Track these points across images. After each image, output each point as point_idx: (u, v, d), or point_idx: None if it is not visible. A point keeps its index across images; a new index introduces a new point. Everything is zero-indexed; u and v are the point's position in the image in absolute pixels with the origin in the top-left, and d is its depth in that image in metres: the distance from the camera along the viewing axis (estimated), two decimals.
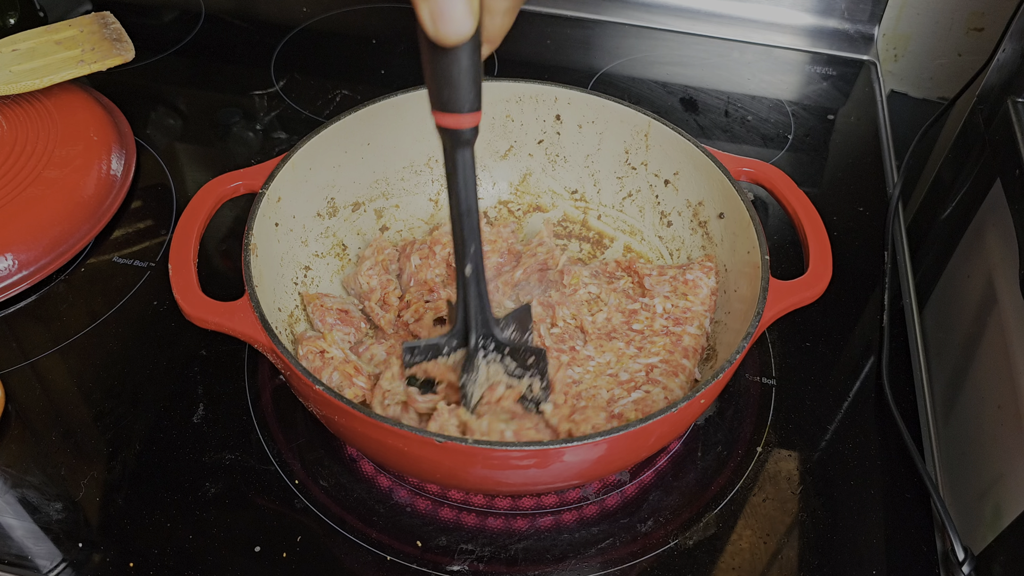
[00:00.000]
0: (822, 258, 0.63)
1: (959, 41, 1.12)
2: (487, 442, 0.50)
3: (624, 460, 0.58)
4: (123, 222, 0.81)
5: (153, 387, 0.67)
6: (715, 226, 0.71)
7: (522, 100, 0.76)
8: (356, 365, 0.62)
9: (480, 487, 0.58)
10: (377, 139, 0.73)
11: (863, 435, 0.67)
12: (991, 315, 0.76)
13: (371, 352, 0.65)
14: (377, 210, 0.75)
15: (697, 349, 0.66)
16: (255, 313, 0.56)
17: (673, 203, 0.75)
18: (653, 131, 0.73)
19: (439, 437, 0.49)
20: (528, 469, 0.52)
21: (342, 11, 1.11)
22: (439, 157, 0.76)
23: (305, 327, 0.67)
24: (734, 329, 0.64)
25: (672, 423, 0.53)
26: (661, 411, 0.52)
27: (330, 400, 0.51)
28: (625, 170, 0.77)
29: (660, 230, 0.76)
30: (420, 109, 0.74)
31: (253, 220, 0.61)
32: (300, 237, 0.69)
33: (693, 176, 0.72)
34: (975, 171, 0.85)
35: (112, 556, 0.57)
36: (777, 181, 0.69)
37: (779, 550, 0.60)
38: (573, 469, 0.53)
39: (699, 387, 0.54)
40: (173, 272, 0.58)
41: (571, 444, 0.50)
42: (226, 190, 0.65)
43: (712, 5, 1.12)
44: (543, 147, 0.79)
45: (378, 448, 0.54)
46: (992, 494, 0.67)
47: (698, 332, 0.67)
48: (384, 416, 0.51)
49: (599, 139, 0.76)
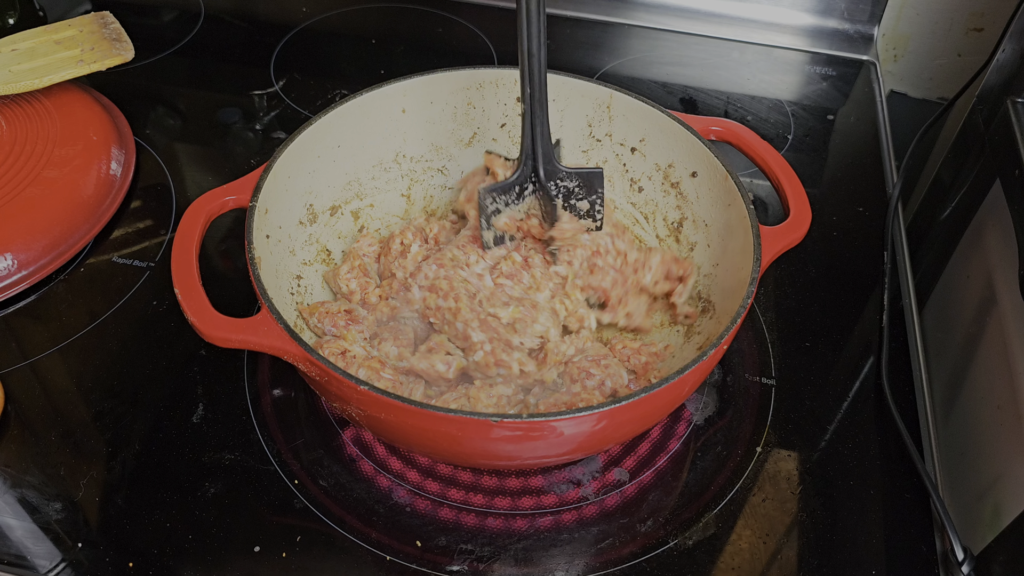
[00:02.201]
0: (800, 202, 0.67)
1: (959, 41, 1.12)
2: (542, 415, 0.52)
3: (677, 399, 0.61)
4: (123, 222, 0.81)
5: (153, 387, 0.67)
6: (688, 185, 0.73)
7: (483, 86, 0.77)
8: (379, 359, 0.63)
9: (536, 460, 0.59)
10: (346, 140, 0.73)
11: (863, 435, 0.67)
12: (991, 315, 0.76)
13: (385, 347, 0.66)
14: (353, 212, 0.75)
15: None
16: (279, 325, 0.55)
17: (642, 169, 0.76)
18: (615, 102, 0.75)
19: (494, 417, 0.50)
20: (598, 425, 0.53)
21: (342, 11, 1.11)
22: (406, 152, 0.77)
23: (310, 335, 0.67)
24: (726, 281, 0.66)
25: (706, 369, 0.57)
26: (696, 359, 0.55)
27: (378, 398, 0.51)
28: (590, 143, 0.78)
29: (631, 196, 0.78)
30: (385, 107, 0.74)
31: (251, 233, 0.60)
32: (287, 247, 0.68)
33: (660, 140, 0.74)
34: (975, 171, 0.85)
35: (112, 556, 0.57)
36: (745, 136, 0.72)
37: (779, 550, 0.60)
38: (641, 419, 0.58)
39: (732, 321, 0.57)
40: (183, 297, 0.56)
41: (649, 393, 0.52)
42: (215, 206, 0.63)
43: (712, 5, 1.12)
44: (506, 131, 0.79)
45: (430, 438, 0.54)
46: (992, 494, 0.68)
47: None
48: (444, 407, 0.52)
49: (560, 116, 0.77)
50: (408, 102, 0.75)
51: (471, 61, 1.01)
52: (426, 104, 0.76)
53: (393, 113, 0.75)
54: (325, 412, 0.66)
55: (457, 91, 0.76)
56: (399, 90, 0.74)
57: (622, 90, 0.74)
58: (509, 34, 1.06)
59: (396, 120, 0.75)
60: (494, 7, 1.11)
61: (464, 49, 1.05)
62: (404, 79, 0.73)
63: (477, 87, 0.76)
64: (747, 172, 0.89)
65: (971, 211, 0.85)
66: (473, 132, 0.79)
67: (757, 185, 0.88)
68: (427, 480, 0.62)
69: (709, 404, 0.69)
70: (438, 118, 0.77)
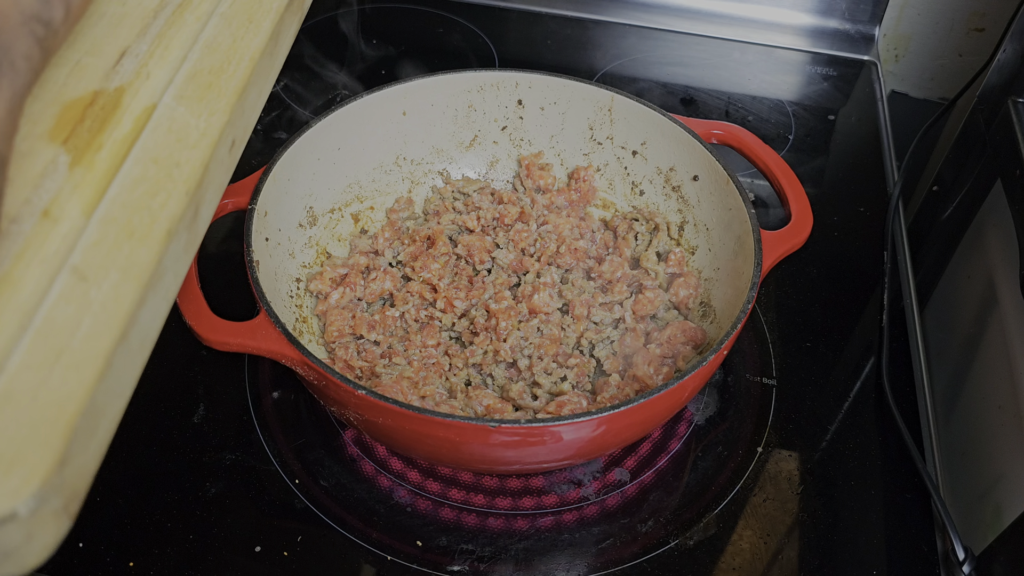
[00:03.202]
0: (801, 206, 0.67)
1: (960, 41, 1.12)
2: (540, 420, 0.52)
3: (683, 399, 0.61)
4: None
5: (153, 387, 0.67)
6: (690, 189, 0.73)
7: (483, 89, 0.77)
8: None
9: (536, 465, 0.59)
10: (346, 143, 0.73)
11: (863, 435, 0.67)
12: (992, 315, 0.76)
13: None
14: (353, 214, 0.75)
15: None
16: (277, 328, 0.55)
17: (643, 172, 0.76)
18: (617, 105, 0.75)
19: (492, 422, 0.50)
20: (597, 430, 0.53)
21: (342, 11, 1.11)
22: (407, 155, 0.77)
23: (310, 338, 0.67)
24: (726, 284, 0.66)
25: (706, 373, 0.58)
26: (696, 364, 0.55)
27: (376, 403, 0.51)
28: (591, 146, 0.78)
29: (633, 200, 0.78)
30: (385, 109, 0.74)
31: (250, 236, 0.60)
32: (287, 250, 0.68)
33: (661, 144, 0.74)
34: (976, 171, 0.85)
35: (112, 556, 0.57)
36: (747, 140, 0.72)
37: (779, 550, 0.60)
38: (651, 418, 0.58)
39: (730, 329, 0.56)
40: (181, 300, 0.56)
41: (649, 398, 0.52)
42: None
43: (712, 5, 1.12)
44: (507, 133, 0.79)
45: (428, 443, 0.54)
46: (993, 494, 0.68)
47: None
48: (442, 412, 0.52)
49: (562, 119, 0.77)
50: (409, 104, 0.75)
51: (472, 62, 1.01)
52: (427, 106, 0.76)
53: (394, 115, 0.75)
54: (326, 412, 0.66)
55: (458, 93, 0.76)
56: (400, 92, 0.74)
57: (623, 93, 0.74)
58: (509, 35, 1.06)
59: (396, 122, 0.75)
60: (494, 7, 1.11)
61: (465, 50, 1.05)
62: (405, 81, 0.73)
63: (478, 89, 0.76)
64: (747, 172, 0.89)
65: (972, 211, 0.85)
66: (474, 135, 0.79)
67: (758, 185, 0.88)
68: (428, 480, 0.62)
69: (710, 404, 0.69)
70: (439, 120, 0.77)
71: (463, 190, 0.77)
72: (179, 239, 0.38)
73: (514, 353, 0.65)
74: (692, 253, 0.72)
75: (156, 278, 0.36)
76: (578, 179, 0.78)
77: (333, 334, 0.66)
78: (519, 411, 0.62)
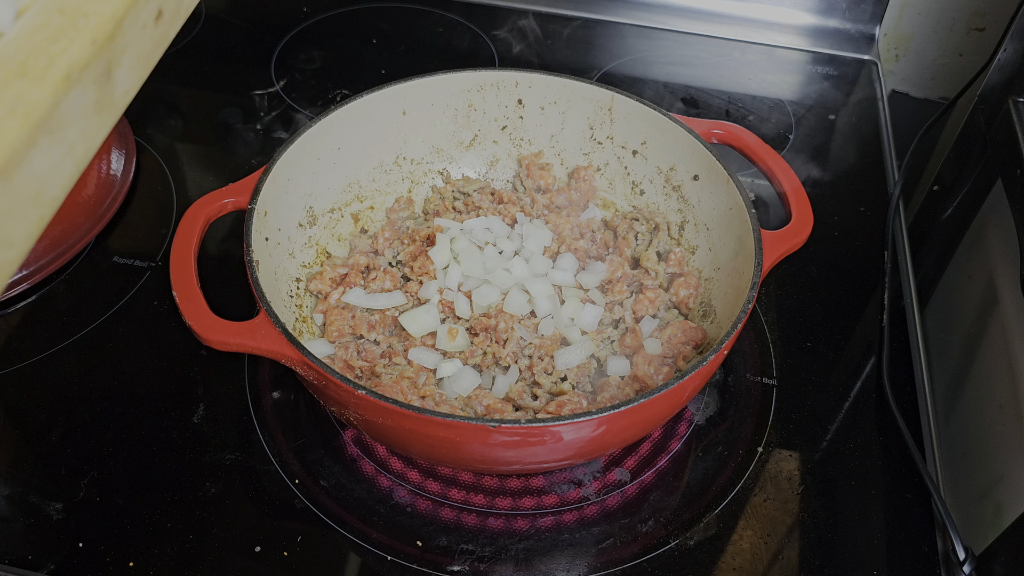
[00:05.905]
0: (802, 207, 0.67)
1: (960, 41, 1.11)
2: (540, 420, 0.52)
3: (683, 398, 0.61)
4: (123, 222, 0.81)
5: (153, 387, 0.67)
6: (690, 188, 0.73)
7: (484, 88, 0.76)
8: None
9: (536, 465, 0.59)
10: (346, 143, 0.73)
11: (864, 435, 0.67)
12: (992, 315, 0.76)
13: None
14: (353, 214, 0.75)
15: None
16: (277, 328, 0.54)
17: (643, 172, 0.76)
18: (617, 104, 0.75)
19: (492, 422, 0.50)
20: (597, 430, 0.53)
21: (342, 11, 1.11)
22: (407, 154, 0.78)
23: (309, 338, 0.66)
24: (727, 284, 0.66)
25: (706, 374, 0.58)
26: (696, 364, 0.55)
27: (375, 403, 0.51)
28: (591, 146, 0.78)
29: (633, 199, 0.78)
30: (385, 109, 0.74)
31: (249, 236, 0.60)
32: (287, 249, 0.68)
33: (661, 143, 0.74)
34: (976, 171, 0.85)
35: (112, 556, 0.57)
36: (748, 140, 0.72)
37: (780, 550, 0.60)
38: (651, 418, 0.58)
39: (730, 328, 0.56)
40: (180, 300, 0.56)
41: (649, 398, 0.52)
42: (213, 209, 0.63)
43: (713, 5, 1.12)
44: (507, 133, 0.79)
45: (428, 443, 0.54)
46: (993, 494, 0.67)
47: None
48: (442, 412, 0.52)
49: (562, 118, 0.77)
50: (409, 104, 0.75)
51: (472, 61, 1.01)
52: (427, 106, 0.76)
53: (393, 115, 0.75)
54: (326, 412, 0.66)
55: (458, 93, 0.76)
56: (399, 92, 0.73)
57: (624, 92, 0.74)
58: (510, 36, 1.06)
59: (396, 122, 0.75)
60: (494, 7, 1.11)
61: (464, 49, 1.05)
62: (404, 81, 0.73)
63: (478, 89, 0.76)
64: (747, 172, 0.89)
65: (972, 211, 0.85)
66: (474, 134, 0.79)
67: (758, 185, 0.88)
68: (428, 480, 0.62)
69: (710, 404, 0.68)
70: (439, 120, 0.77)
71: (463, 190, 0.77)
72: (84, 90, 0.36)
73: (515, 356, 0.65)
74: (692, 253, 0.72)
75: (53, 124, 0.34)
76: (578, 179, 0.78)
77: (333, 334, 0.66)
78: (519, 411, 0.62)
